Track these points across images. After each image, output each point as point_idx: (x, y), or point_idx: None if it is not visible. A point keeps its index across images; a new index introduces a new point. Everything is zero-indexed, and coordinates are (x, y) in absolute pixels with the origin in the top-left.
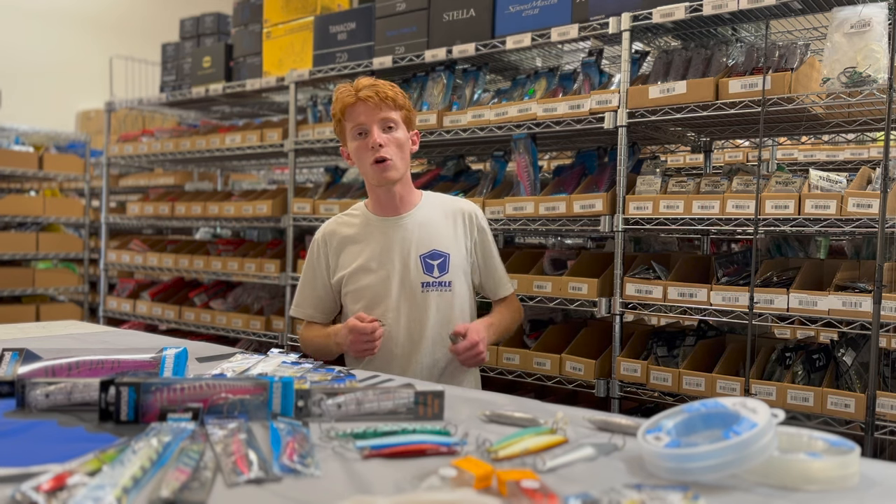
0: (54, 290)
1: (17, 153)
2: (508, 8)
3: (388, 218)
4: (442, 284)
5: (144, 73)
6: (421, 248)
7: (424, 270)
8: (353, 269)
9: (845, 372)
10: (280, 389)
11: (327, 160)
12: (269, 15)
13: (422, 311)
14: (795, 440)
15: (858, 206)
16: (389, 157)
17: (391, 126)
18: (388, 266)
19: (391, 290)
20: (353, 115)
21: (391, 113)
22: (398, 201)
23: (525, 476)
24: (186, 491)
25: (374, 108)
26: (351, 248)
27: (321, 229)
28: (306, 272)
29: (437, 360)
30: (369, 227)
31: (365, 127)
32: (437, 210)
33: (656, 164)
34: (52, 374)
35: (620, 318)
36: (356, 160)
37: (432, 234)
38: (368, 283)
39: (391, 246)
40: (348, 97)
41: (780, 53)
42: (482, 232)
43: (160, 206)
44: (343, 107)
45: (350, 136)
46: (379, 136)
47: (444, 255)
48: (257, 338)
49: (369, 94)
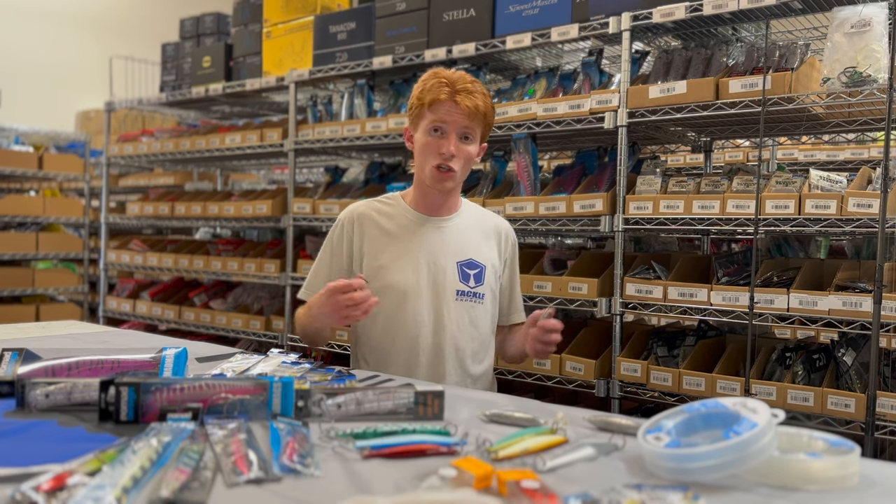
0: (54, 290)
1: (17, 153)
2: (508, 8)
3: (429, 217)
4: (476, 295)
5: (144, 73)
6: (459, 255)
7: (460, 278)
8: (383, 264)
9: (845, 372)
10: (280, 389)
11: (327, 160)
12: (269, 15)
13: (453, 319)
14: (795, 440)
15: (859, 206)
16: (455, 169)
17: (468, 137)
18: (423, 267)
19: (422, 292)
20: (438, 111)
21: (475, 125)
22: (444, 203)
23: (525, 476)
24: (186, 491)
25: (463, 114)
26: (382, 240)
27: (350, 210)
28: (323, 254)
29: (465, 379)
30: (406, 223)
31: (445, 127)
32: (476, 221)
33: (656, 164)
34: (52, 374)
35: (620, 318)
36: (419, 153)
37: (471, 244)
38: (398, 281)
39: (429, 247)
40: (442, 93)
41: (781, 53)
42: (514, 254)
43: (160, 206)
44: (433, 101)
45: (425, 127)
46: (455, 145)
47: (480, 266)
48: (257, 338)
49: (466, 103)
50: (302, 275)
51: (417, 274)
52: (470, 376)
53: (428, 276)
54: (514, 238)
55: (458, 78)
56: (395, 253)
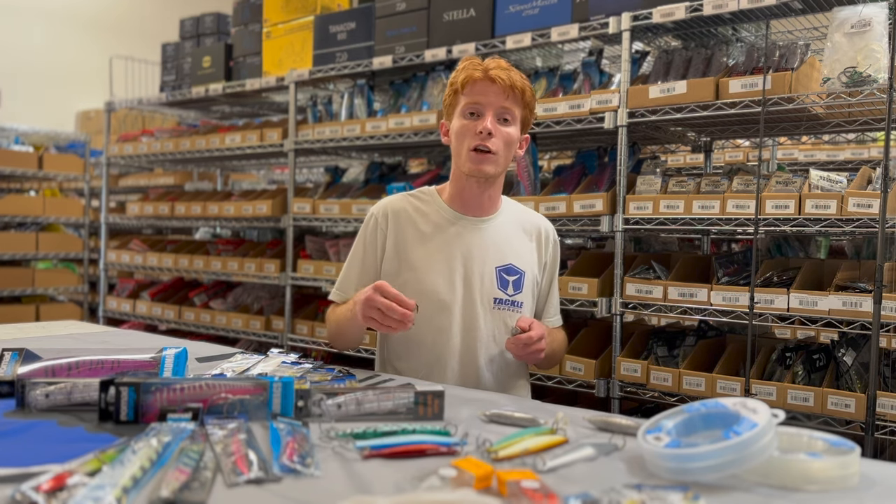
0: (54, 290)
1: (16, 153)
2: (508, 8)
3: (467, 217)
4: (515, 304)
5: (144, 73)
6: (499, 260)
7: (499, 285)
8: (414, 266)
9: (845, 372)
10: (280, 389)
11: (327, 160)
12: (269, 15)
13: (488, 329)
14: (795, 440)
15: (859, 206)
16: (495, 149)
17: (507, 119)
18: (460, 271)
19: (457, 297)
20: (472, 92)
21: (513, 106)
22: (485, 201)
23: (525, 476)
24: (186, 491)
25: (499, 92)
26: (416, 239)
27: (385, 203)
28: (356, 250)
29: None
30: (443, 221)
31: (480, 108)
32: (517, 222)
33: (656, 164)
34: (52, 374)
35: (620, 318)
36: (455, 140)
37: (512, 248)
38: (432, 285)
39: (466, 250)
40: (476, 72)
41: (781, 53)
42: (555, 255)
43: (160, 206)
44: (466, 79)
45: (460, 112)
46: (492, 124)
47: (520, 273)
48: (257, 338)
49: (501, 76)
50: (302, 275)
51: (451, 280)
52: (502, 385)
53: (463, 282)
54: (556, 238)
55: (491, 60)
56: (427, 255)
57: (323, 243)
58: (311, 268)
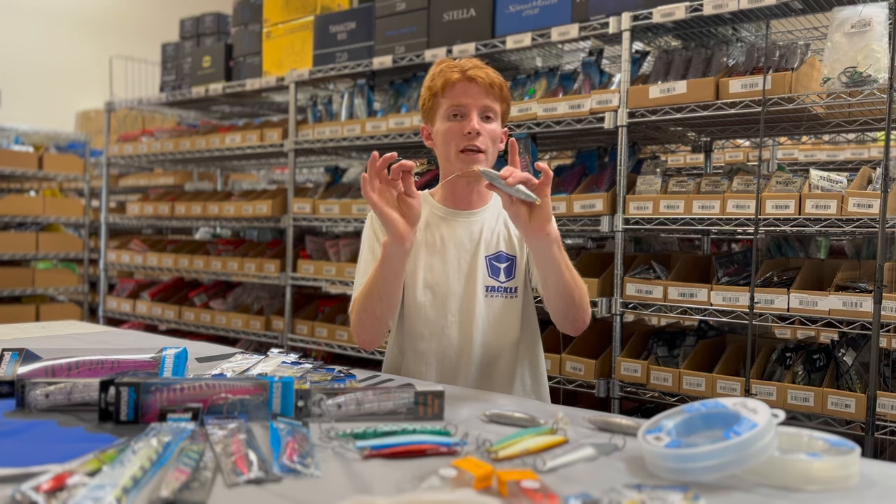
0: (54, 290)
1: (16, 153)
2: (508, 8)
3: (458, 211)
4: (508, 290)
5: (144, 73)
6: (488, 249)
7: (490, 273)
8: (413, 261)
9: (846, 372)
10: (280, 389)
11: (327, 160)
12: (269, 15)
13: (483, 317)
14: (795, 440)
15: (859, 206)
16: (484, 148)
17: (490, 116)
18: (453, 264)
19: (453, 290)
20: (453, 94)
21: (494, 103)
22: (475, 196)
23: (525, 476)
24: (186, 491)
25: (479, 91)
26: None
27: None
28: (364, 253)
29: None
30: (436, 219)
31: (464, 109)
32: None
33: (656, 164)
34: (51, 374)
35: (620, 318)
36: (442, 143)
37: (501, 235)
38: (429, 279)
39: (457, 242)
40: (454, 73)
41: (781, 53)
42: None
43: (160, 206)
44: (445, 83)
45: (443, 115)
46: (478, 124)
47: (511, 259)
48: (257, 338)
49: (480, 76)
50: (302, 275)
51: (447, 271)
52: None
53: (458, 273)
54: None
55: (468, 60)
56: (425, 250)
57: (323, 243)
58: (311, 268)
